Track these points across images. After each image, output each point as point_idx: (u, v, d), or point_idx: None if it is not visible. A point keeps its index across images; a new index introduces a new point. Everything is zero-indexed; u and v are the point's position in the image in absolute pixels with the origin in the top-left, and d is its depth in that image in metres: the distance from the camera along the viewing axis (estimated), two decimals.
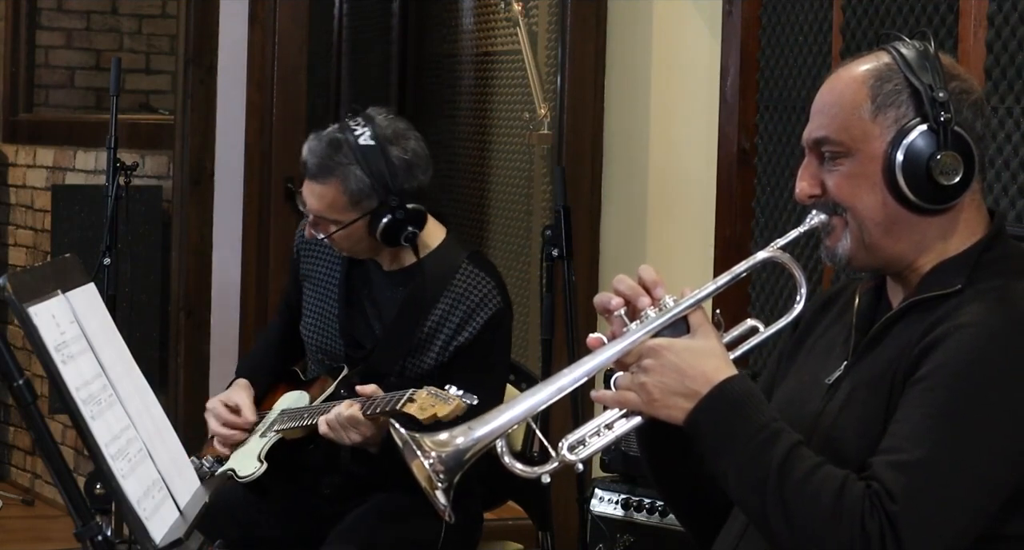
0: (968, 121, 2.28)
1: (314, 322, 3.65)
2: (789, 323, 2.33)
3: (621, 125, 5.08)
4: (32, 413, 2.13)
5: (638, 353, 2.26)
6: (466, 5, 6.49)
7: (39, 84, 7.36)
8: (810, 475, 2.14)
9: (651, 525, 3.80)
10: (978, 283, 2.25)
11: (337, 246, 3.55)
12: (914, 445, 2.13)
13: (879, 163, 2.27)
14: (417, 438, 2.20)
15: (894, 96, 2.28)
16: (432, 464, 2.18)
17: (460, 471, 2.19)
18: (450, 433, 2.20)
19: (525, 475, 2.23)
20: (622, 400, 2.27)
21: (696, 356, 2.24)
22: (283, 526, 3.60)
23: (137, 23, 7.55)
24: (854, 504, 2.11)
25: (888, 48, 2.32)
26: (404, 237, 3.47)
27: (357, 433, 3.32)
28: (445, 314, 3.50)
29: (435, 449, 2.19)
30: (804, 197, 2.34)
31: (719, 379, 2.22)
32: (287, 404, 3.63)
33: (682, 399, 2.23)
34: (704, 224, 4.62)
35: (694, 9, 4.73)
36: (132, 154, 5.62)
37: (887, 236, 2.29)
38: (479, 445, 2.20)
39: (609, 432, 2.27)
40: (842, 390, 2.31)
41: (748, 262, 2.33)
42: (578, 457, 2.24)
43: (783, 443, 2.17)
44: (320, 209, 3.49)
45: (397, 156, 3.47)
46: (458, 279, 3.52)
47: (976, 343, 2.16)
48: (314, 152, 3.49)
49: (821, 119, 2.32)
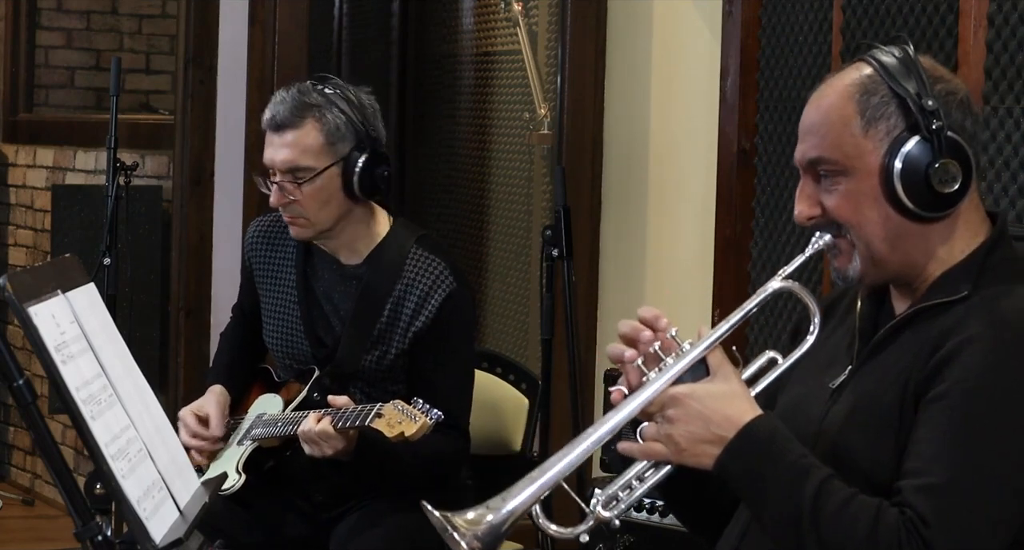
0: (959, 122, 2.27)
1: (276, 328, 3.63)
2: (806, 352, 2.32)
3: (621, 125, 5.08)
4: (32, 413, 2.13)
5: (661, 402, 2.26)
6: (466, 5, 6.49)
7: (39, 84, 7.36)
8: (844, 507, 2.15)
9: (651, 525, 3.79)
10: (984, 289, 2.25)
11: (304, 211, 3.47)
12: (939, 467, 2.14)
13: (877, 178, 2.26)
14: (452, 520, 2.18)
15: (882, 108, 2.26)
16: (469, 543, 2.17)
17: (501, 542, 2.19)
18: (476, 512, 2.19)
19: (561, 537, 2.25)
20: (650, 452, 2.27)
21: (718, 401, 2.24)
22: (270, 532, 3.59)
23: (137, 23, 7.55)
24: (890, 533, 2.12)
25: (867, 58, 2.30)
26: (380, 179, 3.45)
27: (329, 446, 3.32)
28: (399, 302, 3.49)
29: (469, 528, 2.18)
30: (804, 219, 2.32)
31: (744, 422, 2.23)
32: (261, 408, 3.62)
33: (709, 446, 2.23)
34: (704, 224, 4.62)
35: (694, 9, 4.73)
36: (132, 154, 5.62)
37: (894, 250, 2.28)
38: (513, 517, 2.21)
39: (640, 485, 2.28)
40: (847, 396, 2.31)
41: (758, 296, 2.32)
42: (612, 513, 2.27)
43: (814, 478, 2.17)
44: (293, 157, 3.44)
45: (365, 101, 3.50)
46: (408, 265, 3.51)
47: (989, 357, 2.16)
48: (283, 102, 3.47)
49: (812, 139, 2.30)
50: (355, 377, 3.52)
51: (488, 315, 6.17)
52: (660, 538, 3.78)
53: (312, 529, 3.58)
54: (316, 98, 3.45)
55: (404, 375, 3.53)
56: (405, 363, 3.51)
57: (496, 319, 6.14)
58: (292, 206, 3.47)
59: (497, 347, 5.82)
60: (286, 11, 5.34)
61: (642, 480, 2.28)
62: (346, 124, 3.44)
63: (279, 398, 3.60)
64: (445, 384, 3.48)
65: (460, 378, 3.54)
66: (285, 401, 3.57)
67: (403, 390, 3.50)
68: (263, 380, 3.70)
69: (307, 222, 3.49)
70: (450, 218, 6.53)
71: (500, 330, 6.10)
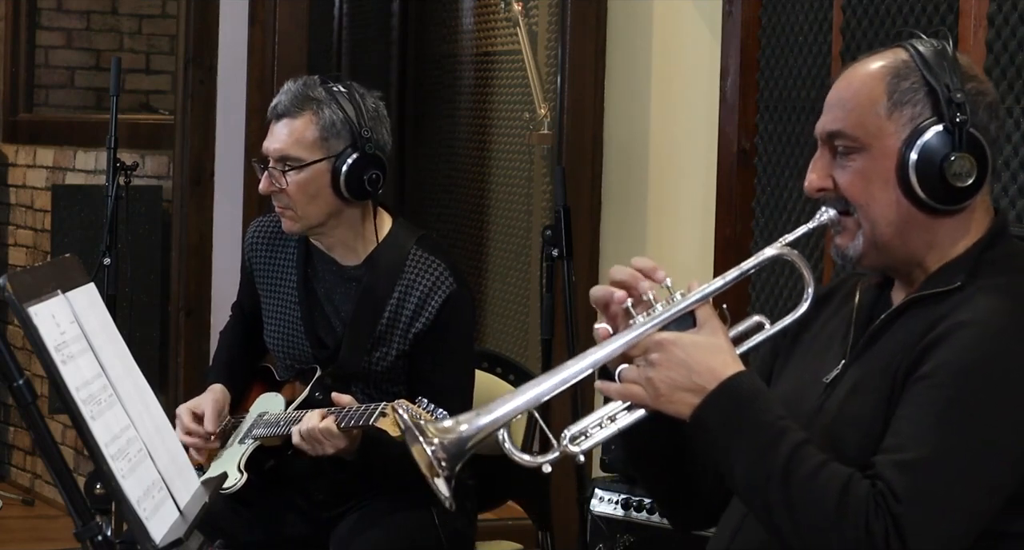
0: (983, 123, 2.28)
1: (278, 329, 3.64)
2: (795, 320, 2.33)
3: (621, 125, 5.08)
4: (32, 413, 2.13)
5: (644, 346, 2.25)
6: (466, 5, 6.49)
7: (39, 84, 7.36)
8: (815, 473, 2.14)
9: (651, 525, 3.79)
10: (979, 280, 2.25)
11: (292, 202, 3.48)
12: (918, 444, 2.13)
13: (893, 161, 2.26)
14: (421, 425, 2.19)
15: (911, 94, 2.27)
16: (435, 451, 2.17)
17: (462, 459, 2.18)
18: (455, 420, 2.19)
19: (526, 464, 2.23)
20: (627, 393, 2.26)
21: (703, 351, 2.24)
22: (271, 531, 3.59)
23: (137, 23, 7.55)
24: (859, 503, 2.11)
25: (906, 45, 2.31)
26: (368, 182, 3.46)
27: (331, 445, 3.32)
28: (400, 303, 3.50)
29: (438, 435, 2.18)
30: (813, 190, 2.33)
31: (726, 375, 2.22)
32: (263, 407, 3.62)
33: (688, 394, 2.23)
34: (704, 224, 4.62)
35: (694, 9, 4.73)
36: (132, 154, 5.62)
37: (897, 236, 2.28)
38: (482, 433, 2.19)
39: (612, 424, 2.26)
40: (841, 388, 2.31)
41: (757, 258, 2.32)
42: (580, 448, 2.24)
43: (789, 441, 2.17)
44: (285, 146, 3.47)
45: (370, 105, 3.51)
46: (409, 266, 3.51)
47: (979, 341, 2.16)
48: (287, 92, 3.51)
49: (836, 112, 2.31)
50: (356, 378, 3.52)
51: (488, 315, 6.17)
52: (660, 538, 3.78)
53: (312, 528, 3.58)
54: (319, 93, 3.48)
55: (405, 376, 3.53)
56: (406, 364, 3.51)
57: (496, 319, 6.14)
58: (281, 196, 3.50)
59: (497, 347, 5.82)
60: (286, 11, 5.34)
61: (614, 420, 2.26)
62: (343, 122, 3.45)
63: (281, 397, 3.60)
64: (445, 385, 3.48)
65: (460, 379, 3.54)
66: (287, 400, 3.57)
67: (403, 391, 3.50)
68: (264, 379, 3.70)
69: (295, 215, 3.50)
70: (450, 218, 6.53)
71: (500, 330, 6.10)
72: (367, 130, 3.47)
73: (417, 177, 6.75)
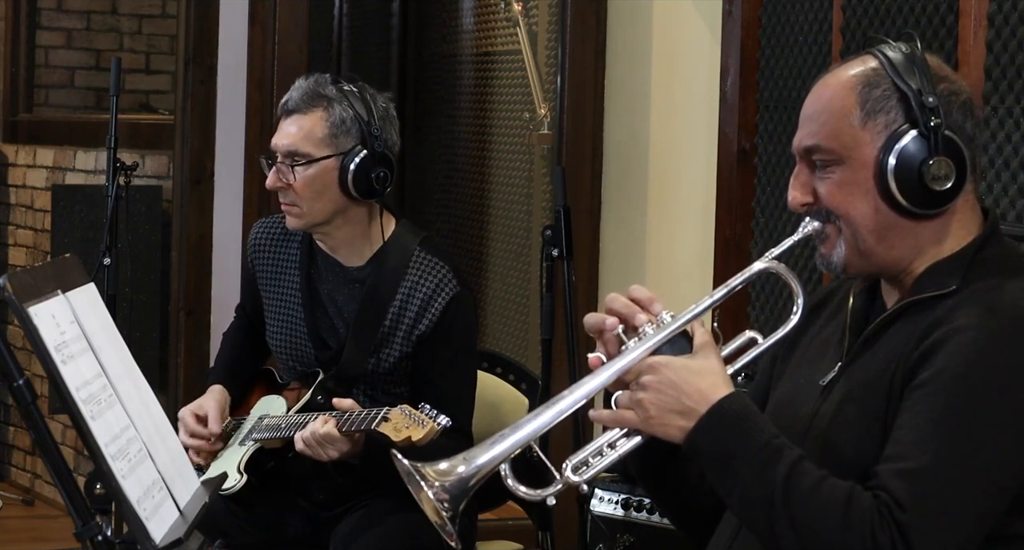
0: (958, 123, 2.27)
1: (280, 330, 3.64)
2: (787, 333, 2.33)
3: (621, 125, 5.08)
4: (32, 413, 2.13)
5: (637, 371, 2.26)
6: (466, 5, 6.49)
7: (39, 84, 7.36)
8: (816, 489, 2.14)
9: (651, 525, 3.79)
10: (973, 283, 2.24)
11: (298, 198, 3.49)
12: (919, 452, 2.13)
13: (871, 170, 2.26)
14: (420, 469, 2.20)
15: (883, 102, 2.26)
16: (436, 493, 2.18)
17: (465, 499, 2.20)
18: (450, 462, 2.21)
19: (529, 498, 2.24)
20: (619, 419, 2.27)
21: (694, 374, 2.24)
22: (271, 532, 3.59)
23: (137, 23, 7.55)
24: (863, 514, 2.11)
25: (874, 52, 2.31)
26: (375, 180, 3.47)
27: (334, 449, 3.32)
28: (403, 305, 3.50)
29: (438, 479, 2.19)
30: (797, 206, 2.33)
31: (716, 398, 2.22)
32: (264, 409, 3.62)
33: (679, 417, 2.23)
34: (704, 224, 4.62)
35: (694, 9, 4.73)
36: (132, 154, 5.62)
37: (881, 242, 2.28)
38: (482, 473, 2.21)
39: (612, 451, 2.27)
40: (836, 392, 2.31)
41: (744, 274, 2.33)
42: (582, 478, 2.24)
43: (786, 460, 2.17)
44: (294, 141, 3.48)
45: (381, 105, 3.52)
46: (412, 268, 3.52)
47: (975, 346, 2.15)
48: (298, 88, 3.53)
49: (811, 127, 2.31)
50: (358, 380, 3.52)
51: (488, 315, 6.17)
52: (660, 538, 3.78)
53: (312, 529, 3.58)
54: (330, 90, 3.49)
55: (407, 378, 3.53)
56: (408, 366, 3.51)
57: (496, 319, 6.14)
58: (287, 192, 3.50)
59: (497, 347, 5.82)
60: (286, 11, 5.34)
61: (613, 447, 2.27)
62: (352, 120, 3.47)
63: (282, 399, 3.60)
64: (448, 387, 3.48)
65: (463, 381, 3.55)
66: (288, 403, 3.57)
67: (406, 393, 3.50)
68: (265, 381, 3.70)
69: (300, 211, 3.51)
70: (450, 218, 6.53)
71: (500, 330, 6.10)
72: (377, 129, 3.48)
73: (417, 177, 6.75)
